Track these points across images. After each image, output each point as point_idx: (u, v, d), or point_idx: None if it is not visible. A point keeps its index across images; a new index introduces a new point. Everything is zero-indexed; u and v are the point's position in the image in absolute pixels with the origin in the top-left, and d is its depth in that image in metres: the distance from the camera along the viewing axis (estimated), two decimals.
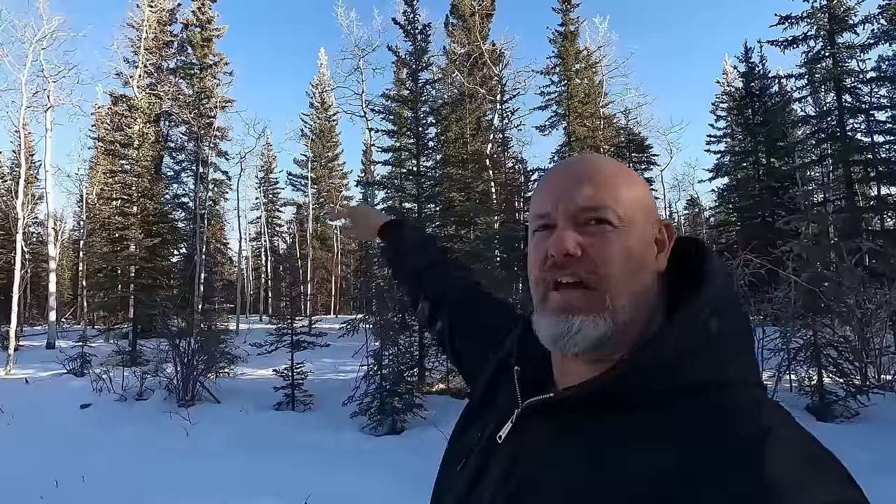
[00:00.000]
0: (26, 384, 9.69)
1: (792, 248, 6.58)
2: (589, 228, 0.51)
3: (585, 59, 20.47)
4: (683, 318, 0.49)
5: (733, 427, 0.43)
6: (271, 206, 33.57)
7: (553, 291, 0.52)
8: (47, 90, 16.90)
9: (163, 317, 9.31)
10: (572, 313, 0.50)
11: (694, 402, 0.45)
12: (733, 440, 0.42)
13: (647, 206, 0.54)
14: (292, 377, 7.66)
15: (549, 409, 0.52)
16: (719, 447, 0.42)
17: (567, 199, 0.52)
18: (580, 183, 0.52)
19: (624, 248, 0.50)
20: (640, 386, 0.47)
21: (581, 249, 0.50)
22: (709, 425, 0.43)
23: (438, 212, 11.06)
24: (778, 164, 19.18)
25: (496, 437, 0.56)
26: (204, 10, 19.58)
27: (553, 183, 0.54)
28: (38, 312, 28.83)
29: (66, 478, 4.31)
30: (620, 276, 0.50)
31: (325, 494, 3.95)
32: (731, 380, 0.48)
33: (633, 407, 0.47)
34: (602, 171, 0.53)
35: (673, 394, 0.46)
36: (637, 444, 0.45)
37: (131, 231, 14.62)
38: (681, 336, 0.48)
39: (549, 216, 0.53)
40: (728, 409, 0.44)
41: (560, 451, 0.49)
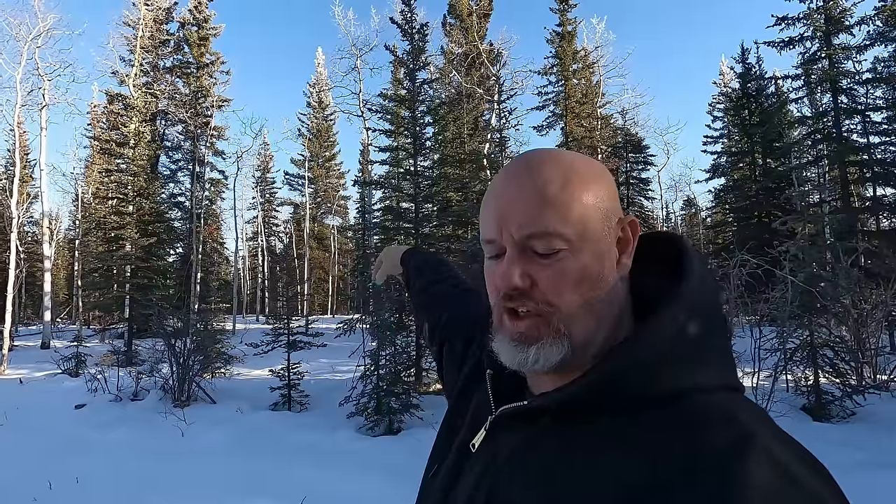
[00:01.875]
0: (20, 384, 9.62)
1: (788, 249, 6.60)
2: (536, 257, 0.48)
3: (583, 59, 20.51)
4: (655, 323, 0.46)
5: (707, 436, 0.40)
6: (268, 206, 33.51)
7: (506, 317, 0.50)
8: (42, 88, 16.81)
9: (158, 317, 9.26)
10: (528, 343, 0.48)
11: (667, 409, 0.43)
12: (707, 450, 0.39)
13: (604, 209, 0.49)
14: (289, 377, 7.63)
15: (523, 417, 0.51)
16: (692, 456, 0.40)
17: (511, 224, 0.48)
18: (523, 204, 0.48)
19: (577, 270, 0.47)
20: (612, 393, 0.45)
21: (530, 280, 0.48)
22: (682, 433, 0.41)
23: (436, 211, 11.05)
24: (774, 164, 19.27)
25: (470, 444, 0.55)
26: (200, 9, 19.52)
27: (496, 202, 0.50)
28: (32, 312, 28.68)
29: (59, 479, 4.28)
30: (574, 300, 0.47)
31: (322, 495, 3.93)
32: (705, 385, 0.45)
33: (604, 414, 0.46)
34: (547, 184, 0.47)
35: (645, 401, 0.44)
36: (609, 452, 0.43)
37: (127, 230, 14.55)
38: (652, 341, 0.45)
39: (495, 243, 0.50)
40: (702, 417, 0.42)
41: (532, 458, 0.48)
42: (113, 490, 4.15)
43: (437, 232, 11.10)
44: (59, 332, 18.87)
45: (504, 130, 14.84)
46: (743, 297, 6.54)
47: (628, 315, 0.52)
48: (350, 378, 7.83)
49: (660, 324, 0.46)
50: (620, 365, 0.46)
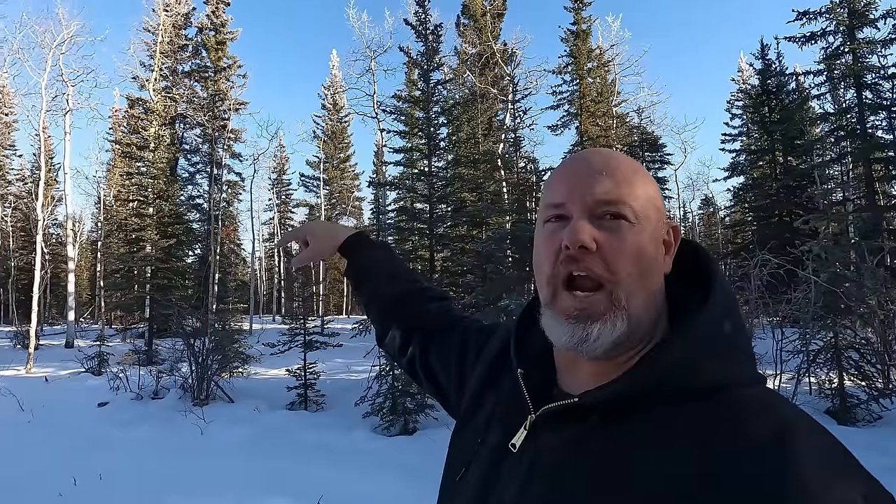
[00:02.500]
0: (46, 382, 9.87)
1: (811, 248, 6.44)
2: (605, 223, 0.50)
3: (598, 57, 20.33)
4: (698, 321, 0.49)
5: (752, 424, 0.43)
6: (284, 207, 33.88)
7: (565, 292, 0.51)
8: (66, 94, 17.25)
9: (178, 317, 9.43)
10: (591, 320, 0.49)
11: (710, 401, 0.46)
12: (755, 437, 0.42)
13: (659, 207, 0.53)
14: (305, 377, 7.70)
15: (569, 415, 0.51)
16: (742, 444, 0.42)
17: (584, 190, 0.50)
18: (598, 175, 0.51)
19: (639, 245, 0.50)
20: (660, 389, 0.47)
21: (596, 243, 0.49)
22: (728, 423, 0.44)
23: (450, 212, 11.05)
24: (795, 162, 18.86)
25: (508, 444, 0.54)
26: (218, 14, 19.82)
27: (569, 173, 0.53)
28: (57, 312, 29.42)
29: (84, 475, 4.37)
30: (635, 274, 0.49)
31: (339, 495, 3.95)
32: (741, 379, 0.48)
33: (651, 410, 0.47)
34: (620, 166, 0.52)
35: (689, 395, 0.46)
36: (660, 446, 0.45)
37: (147, 232, 14.84)
38: (697, 338, 0.48)
39: (563, 206, 0.51)
40: (745, 407, 0.45)
41: (585, 457, 0.48)
42: (135, 487, 4.23)
43: (452, 232, 11.10)
44: (82, 332, 19.33)
45: (518, 130, 14.78)
46: (764, 298, 6.41)
47: (665, 314, 0.54)
48: (365, 378, 7.87)
49: (703, 322, 0.49)
50: (670, 361, 0.47)
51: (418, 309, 0.88)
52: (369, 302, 0.95)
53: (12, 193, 27.39)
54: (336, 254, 0.99)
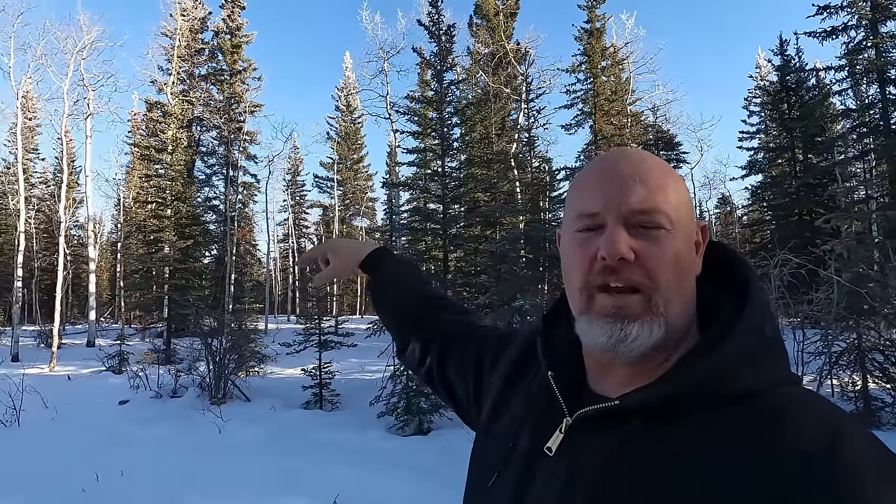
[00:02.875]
0: (68, 381, 10.10)
1: (833, 248, 6.30)
2: (641, 232, 0.49)
3: (612, 55, 20.14)
4: (743, 325, 0.48)
5: (801, 429, 0.42)
6: (298, 208, 34.19)
7: (601, 294, 0.50)
8: (87, 98, 17.66)
9: (195, 316, 9.58)
10: (628, 319, 0.49)
11: (754, 405, 0.45)
12: (803, 444, 0.41)
13: (690, 208, 0.53)
14: (320, 377, 7.76)
15: (609, 418, 0.49)
16: (789, 451, 0.41)
17: (619, 199, 0.49)
18: (632, 183, 0.50)
19: (675, 252, 0.49)
20: (705, 391, 0.46)
21: (634, 253, 0.48)
22: (774, 427, 0.43)
23: (463, 212, 11.04)
24: (816, 160, 18.48)
25: (543, 448, 0.53)
26: (233, 18, 20.07)
27: (600, 180, 0.52)
28: (78, 312, 30.09)
29: (106, 471, 4.47)
30: (673, 280, 0.49)
31: (354, 494, 3.98)
32: (781, 379, 0.48)
33: (694, 412, 0.46)
34: (652, 171, 0.51)
35: (732, 398, 0.46)
36: (704, 449, 0.44)
37: (165, 233, 15.09)
38: (744, 340, 0.48)
39: (598, 216, 0.50)
40: (790, 411, 0.44)
41: (629, 460, 0.47)
42: (155, 484, 4.31)
43: (465, 232, 11.08)
44: (103, 331, 19.73)
45: (532, 130, 14.70)
46: (784, 299, 6.28)
47: (695, 316, 0.54)
48: (380, 378, 7.90)
49: (742, 327, 0.48)
50: (711, 365, 0.47)
51: (437, 321, 0.87)
52: (389, 316, 0.95)
53: (36, 196, 28.07)
54: (358, 270, 0.99)
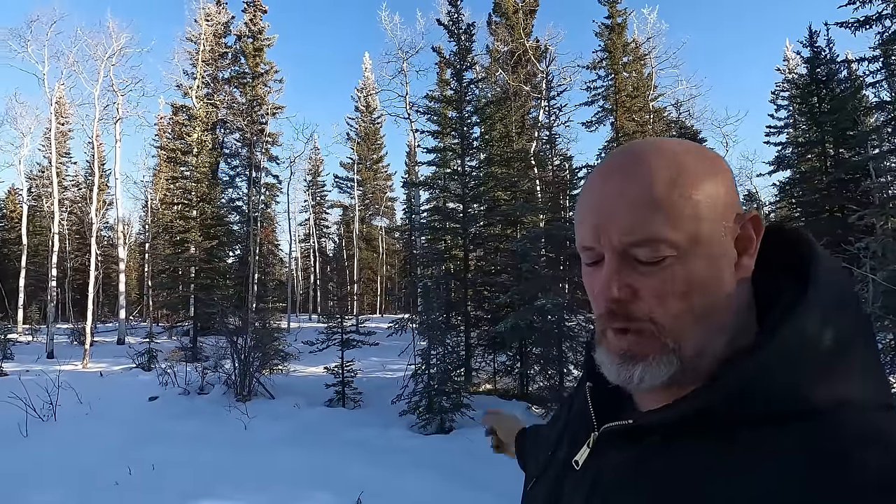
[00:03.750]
0: (101, 377, 10.43)
1: (868, 245, 6.09)
2: (641, 268, 0.43)
3: (633, 51, 19.82)
4: (791, 328, 0.40)
5: (851, 461, 0.35)
6: (319, 209, 34.59)
7: (610, 331, 0.46)
8: (116, 103, 18.18)
9: (221, 315, 9.79)
10: (633, 361, 0.45)
11: (795, 426, 0.39)
12: (853, 479, 0.34)
13: (720, 207, 0.43)
14: (342, 375, 7.85)
15: (630, 435, 0.48)
16: (834, 486, 0.34)
17: (611, 230, 0.43)
18: (625, 207, 0.43)
19: (685, 279, 0.42)
20: (727, 411, 0.41)
21: (631, 291, 0.43)
22: (817, 456, 0.36)
23: (483, 211, 11.01)
24: (848, 154, 17.88)
25: (572, 461, 0.53)
26: (255, 22, 20.41)
27: (593, 203, 0.45)
28: (109, 310, 31.03)
29: (138, 466, 4.60)
30: (683, 311, 0.43)
31: (378, 492, 4.01)
32: (854, 401, 0.39)
33: (720, 431, 0.41)
34: (653, 182, 0.42)
35: (768, 418, 0.40)
36: (725, 473, 0.39)
37: (191, 234, 15.45)
38: (786, 349, 0.40)
39: (594, 250, 0.46)
40: (844, 437, 0.37)
41: (643, 478, 0.45)
42: (186, 478, 4.42)
43: (486, 231, 11.05)
44: (132, 329, 20.31)
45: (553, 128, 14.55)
46: None
47: (752, 322, 0.46)
48: (401, 376, 7.95)
49: (790, 331, 0.41)
50: (738, 382, 0.41)
51: None
52: None
53: (68, 199, 29.04)
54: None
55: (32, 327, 21.10)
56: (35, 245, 26.32)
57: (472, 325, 9.86)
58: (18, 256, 21.54)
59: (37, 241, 27.03)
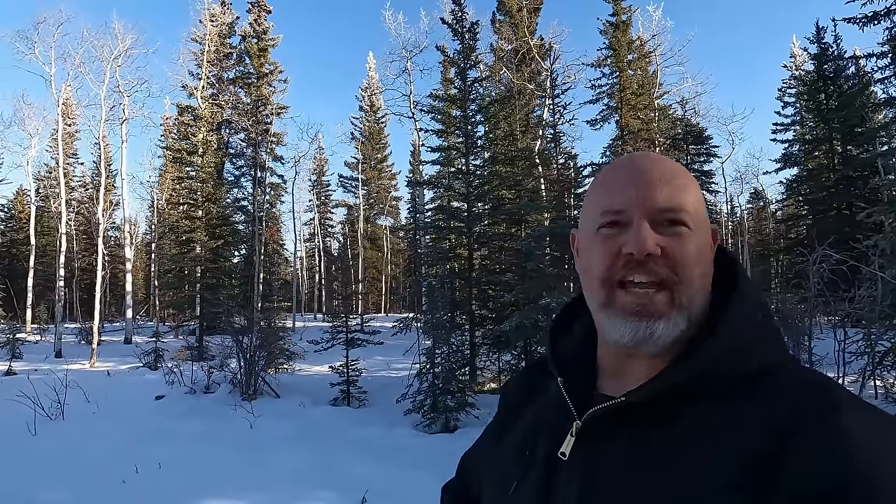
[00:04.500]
0: (108, 376, 10.50)
1: (876, 243, 6.01)
2: (667, 229, 0.51)
3: (638, 49, 19.74)
4: (739, 313, 0.51)
5: (805, 404, 0.45)
6: (324, 208, 34.68)
7: (620, 290, 0.51)
8: (122, 104, 18.29)
9: (226, 314, 9.82)
10: (653, 317, 0.50)
11: (760, 386, 0.47)
12: (809, 417, 0.43)
13: (706, 212, 0.56)
14: (347, 374, 7.86)
15: (619, 415, 0.51)
16: (796, 425, 0.43)
17: (645, 196, 0.51)
18: (658, 183, 0.52)
19: (698, 250, 0.51)
20: (709, 378, 0.48)
21: (660, 249, 0.50)
22: (781, 402, 0.45)
23: (488, 210, 10.99)
24: (856, 151, 17.72)
25: (558, 454, 0.54)
26: (260, 22, 20.47)
27: (627, 179, 0.53)
28: (115, 310, 31.23)
29: (144, 464, 4.63)
30: (696, 276, 0.51)
31: (382, 491, 4.01)
32: (780, 360, 0.50)
33: (700, 400, 0.48)
34: (676, 174, 0.53)
35: (740, 380, 0.48)
36: (719, 434, 0.45)
37: (197, 234, 15.52)
38: (738, 328, 0.50)
39: (624, 213, 0.52)
40: (793, 388, 0.47)
41: (644, 456, 0.48)
42: (192, 476, 4.44)
43: (490, 230, 11.03)
44: (139, 329, 20.44)
45: (557, 126, 14.49)
46: (824, 296, 6.04)
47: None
48: (406, 375, 7.96)
49: (737, 315, 0.51)
50: (717, 352, 0.49)
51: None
52: None
53: (75, 199, 29.27)
54: None
55: (41, 327, 21.30)
56: (43, 245, 26.54)
57: (477, 323, 9.85)
58: (27, 257, 21.75)
59: (45, 241, 27.26)
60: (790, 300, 7.35)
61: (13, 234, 31.00)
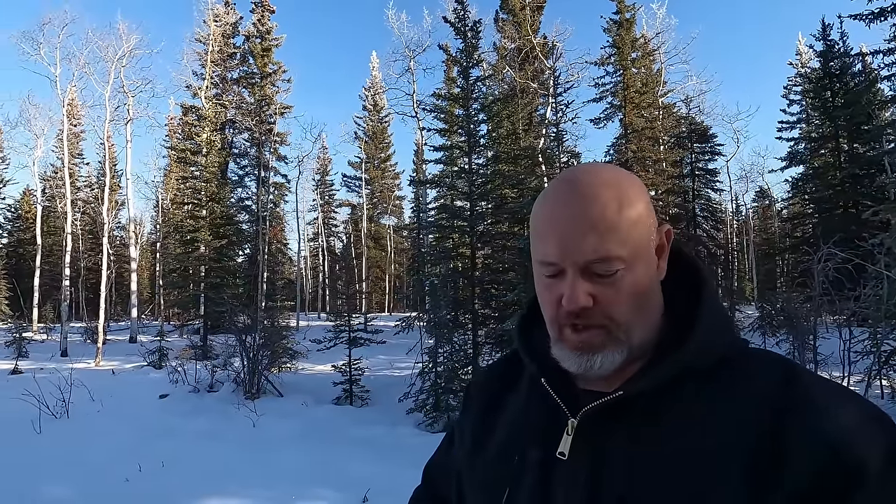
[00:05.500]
0: (113, 375, 10.56)
1: (882, 241, 5.97)
2: (598, 279, 0.52)
3: (642, 46, 19.64)
4: (708, 307, 0.55)
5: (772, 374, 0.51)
6: (327, 208, 34.74)
7: (568, 329, 0.54)
8: (127, 104, 18.38)
9: (230, 314, 9.85)
10: (593, 351, 0.53)
11: (733, 368, 0.52)
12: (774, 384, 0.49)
13: (648, 222, 0.54)
14: (350, 373, 7.87)
15: (615, 410, 0.52)
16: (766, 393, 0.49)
17: (574, 248, 0.51)
18: (584, 231, 0.51)
19: (634, 285, 0.53)
20: (692, 367, 0.52)
21: (593, 299, 0.52)
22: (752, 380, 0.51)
23: (491, 209, 10.97)
24: (862, 149, 17.58)
25: (556, 454, 0.54)
26: (263, 22, 20.51)
27: (555, 228, 0.53)
28: (121, 309, 31.40)
29: (148, 462, 4.65)
30: (633, 310, 0.53)
31: (384, 490, 4.01)
32: (742, 345, 0.56)
33: (685, 387, 0.52)
34: (603, 209, 0.51)
35: (718, 365, 0.52)
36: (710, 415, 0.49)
37: (201, 233, 15.57)
38: (711, 322, 0.54)
39: (556, 265, 0.53)
40: (760, 364, 0.53)
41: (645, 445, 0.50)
42: (195, 474, 4.46)
43: (493, 229, 11.01)
44: (144, 328, 20.54)
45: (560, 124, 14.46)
46: (829, 295, 6.00)
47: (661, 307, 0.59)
48: (408, 375, 7.96)
49: (708, 309, 0.55)
50: (696, 343, 0.52)
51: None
52: None
53: (81, 199, 29.43)
54: None
55: (47, 326, 21.43)
56: (49, 245, 26.71)
57: (480, 323, 9.82)
58: (33, 256, 21.87)
59: (51, 241, 27.43)
60: (795, 299, 7.31)
61: (20, 234, 31.23)
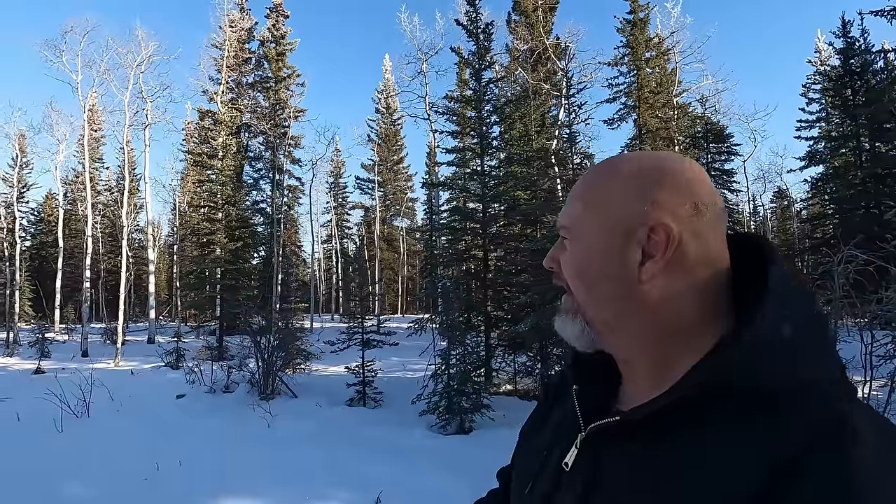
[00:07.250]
0: (132, 375, 10.76)
1: None
2: (561, 246, 0.56)
3: (657, 46, 19.46)
4: (750, 328, 0.44)
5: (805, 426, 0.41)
6: (341, 210, 34.99)
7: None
8: (146, 109, 18.74)
9: (245, 315, 9.98)
10: (560, 314, 0.57)
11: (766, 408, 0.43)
12: (807, 441, 0.40)
13: (614, 215, 0.50)
14: (363, 374, 7.90)
15: (617, 432, 0.50)
16: (792, 451, 0.40)
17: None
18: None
19: (573, 258, 0.54)
20: (710, 399, 0.45)
21: (556, 264, 0.56)
22: (784, 432, 0.41)
23: (503, 211, 10.95)
24: (884, 148, 17.16)
25: (563, 463, 0.55)
26: (278, 27, 20.77)
27: None
28: (139, 310, 32.00)
29: (166, 461, 4.73)
30: (580, 286, 0.53)
31: (397, 491, 4.03)
32: (802, 382, 0.44)
33: (707, 419, 0.44)
34: (580, 185, 0.55)
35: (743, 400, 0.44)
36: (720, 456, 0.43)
37: (217, 236, 15.80)
38: (752, 342, 0.44)
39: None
40: (800, 411, 0.42)
41: (642, 472, 0.47)
42: (211, 474, 4.52)
43: (505, 231, 10.99)
44: (161, 329, 20.91)
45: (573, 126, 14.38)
46: (850, 298, 5.87)
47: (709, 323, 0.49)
48: (421, 376, 7.97)
49: (754, 326, 0.44)
50: (709, 375, 0.45)
51: None
52: None
53: (101, 203, 30.07)
54: None
55: (68, 326, 21.94)
56: (71, 248, 27.31)
57: (493, 325, 9.81)
58: (56, 259, 22.37)
59: (72, 243, 28.05)
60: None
61: (42, 237, 32.02)
